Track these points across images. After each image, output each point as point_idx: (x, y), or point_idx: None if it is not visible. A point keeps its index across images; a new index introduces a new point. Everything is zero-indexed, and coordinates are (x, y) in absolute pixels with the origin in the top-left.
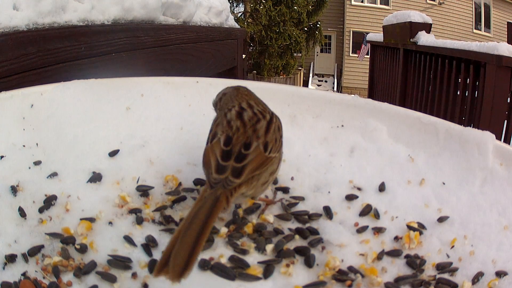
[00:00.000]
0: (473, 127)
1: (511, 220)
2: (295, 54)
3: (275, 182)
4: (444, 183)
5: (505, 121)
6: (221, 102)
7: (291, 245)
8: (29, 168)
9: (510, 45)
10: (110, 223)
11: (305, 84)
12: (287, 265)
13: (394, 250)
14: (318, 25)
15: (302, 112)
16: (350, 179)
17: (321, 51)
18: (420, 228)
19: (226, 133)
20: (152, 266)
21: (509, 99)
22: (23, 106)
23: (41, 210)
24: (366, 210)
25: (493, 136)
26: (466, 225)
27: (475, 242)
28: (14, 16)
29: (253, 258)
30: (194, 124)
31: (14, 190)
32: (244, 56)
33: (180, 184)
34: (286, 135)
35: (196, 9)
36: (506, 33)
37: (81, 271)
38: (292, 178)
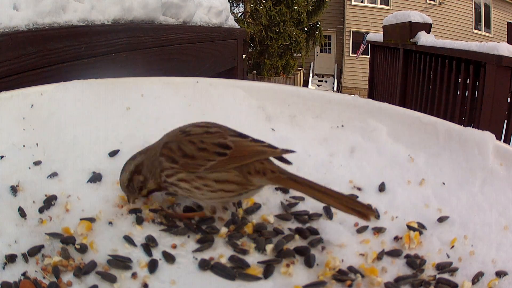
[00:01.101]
0: (473, 127)
1: (511, 220)
2: (295, 54)
3: None
4: (444, 183)
5: (505, 121)
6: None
7: (291, 245)
8: (29, 168)
9: (510, 45)
10: (110, 223)
11: (305, 84)
12: (287, 265)
13: (394, 250)
14: (318, 25)
15: (302, 112)
16: (350, 179)
17: (321, 51)
18: (420, 228)
19: (228, 134)
20: (152, 266)
21: (509, 99)
22: (23, 106)
23: (41, 210)
24: None
25: (493, 136)
26: (466, 225)
27: (475, 242)
28: (14, 16)
29: (253, 258)
30: None
31: (14, 190)
32: (244, 56)
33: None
34: (286, 135)
35: (196, 9)
36: (506, 33)
37: (81, 271)
38: None
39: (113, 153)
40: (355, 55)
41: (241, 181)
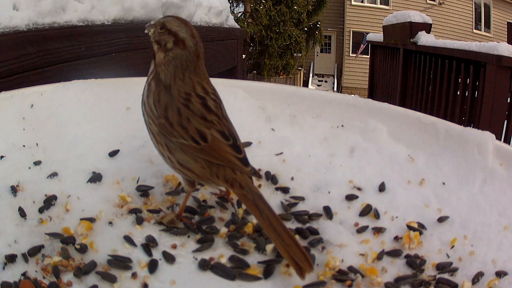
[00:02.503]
0: (473, 127)
1: (511, 220)
2: (295, 54)
3: (275, 182)
4: (444, 183)
5: (505, 121)
6: (169, 56)
7: None
8: (29, 168)
9: (510, 45)
10: (110, 223)
11: (305, 84)
12: (287, 265)
13: (394, 250)
14: (318, 25)
15: (302, 112)
16: (350, 179)
17: (321, 51)
18: (420, 228)
19: (214, 128)
20: (152, 266)
21: (509, 99)
22: (23, 106)
23: (41, 210)
24: (366, 210)
25: (493, 136)
26: (466, 225)
27: (475, 242)
28: (14, 16)
29: (253, 258)
30: None
31: (14, 190)
32: (244, 56)
33: (180, 184)
34: (286, 135)
35: (196, 9)
36: (506, 33)
37: (81, 271)
38: (292, 178)
39: (113, 153)
40: (355, 55)
41: (204, 175)
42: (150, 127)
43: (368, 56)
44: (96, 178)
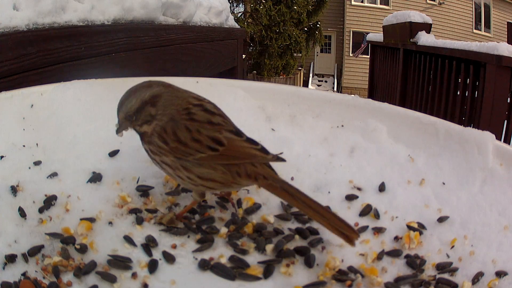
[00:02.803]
0: (473, 127)
1: (511, 220)
2: (295, 54)
3: None
4: (444, 183)
5: (505, 121)
6: (157, 107)
7: (291, 245)
8: (29, 168)
9: (510, 45)
10: (110, 223)
11: (305, 84)
12: (287, 265)
13: (394, 250)
14: (318, 25)
15: (302, 112)
16: (350, 179)
17: (321, 51)
18: (420, 228)
19: (224, 129)
20: (152, 266)
21: (509, 99)
22: (23, 106)
23: (41, 210)
24: (366, 210)
25: (493, 136)
26: (466, 225)
27: (475, 242)
28: (14, 16)
29: (253, 258)
30: None
31: (14, 190)
32: (244, 56)
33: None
34: (286, 135)
35: (196, 9)
36: (506, 33)
37: (81, 271)
38: (292, 178)
39: (113, 153)
40: (354, 55)
41: (227, 179)
42: (163, 163)
43: (368, 56)
44: (96, 178)
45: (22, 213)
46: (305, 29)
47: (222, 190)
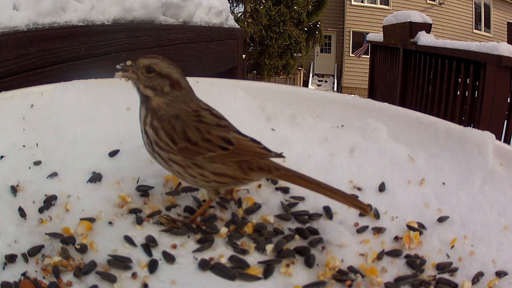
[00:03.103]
0: (473, 127)
1: (511, 220)
2: (295, 54)
3: (275, 182)
4: (444, 183)
5: (505, 121)
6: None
7: (291, 245)
8: (29, 168)
9: (510, 45)
10: (110, 223)
11: (305, 84)
12: (287, 265)
13: (394, 250)
14: (318, 25)
15: (302, 112)
16: (350, 179)
17: (321, 51)
18: (420, 228)
19: (231, 130)
20: (152, 266)
21: (509, 99)
22: (23, 106)
23: (41, 210)
24: None
25: (493, 136)
26: (466, 225)
27: (475, 242)
28: (14, 16)
29: (253, 258)
30: None
31: (14, 190)
32: (244, 56)
33: (180, 184)
34: (286, 135)
35: (196, 9)
36: (506, 33)
37: (81, 271)
38: None
39: (113, 153)
40: (355, 55)
41: (239, 175)
42: (170, 160)
43: (368, 56)
44: (96, 178)
45: (22, 213)
46: (305, 29)
47: (234, 186)
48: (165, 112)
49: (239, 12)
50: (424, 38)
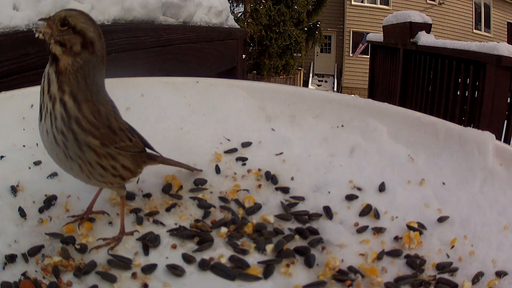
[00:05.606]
0: (473, 127)
1: (511, 220)
2: (295, 54)
3: (275, 182)
4: (444, 183)
5: (505, 121)
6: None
7: (291, 245)
8: (29, 168)
9: (510, 45)
10: (110, 223)
11: (305, 84)
12: (287, 265)
13: (394, 250)
14: (318, 25)
15: (302, 112)
16: (350, 179)
17: (321, 51)
18: (420, 228)
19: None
20: (152, 266)
21: (509, 99)
22: (23, 106)
23: (41, 210)
24: (366, 210)
25: (493, 136)
26: (466, 225)
27: (475, 242)
28: (14, 16)
29: (253, 258)
30: (194, 124)
31: (14, 190)
32: (244, 56)
33: (180, 183)
34: (286, 135)
35: (196, 9)
36: (506, 33)
37: (81, 271)
38: (292, 178)
39: None
40: (353, 54)
41: (135, 169)
42: (87, 146)
43: (368, 56)
44: None
45: (22, 213)
46: (305, 29)
47: (128, 181)
48: (74, 89)
49: (239, 12)
50: (424, 38)
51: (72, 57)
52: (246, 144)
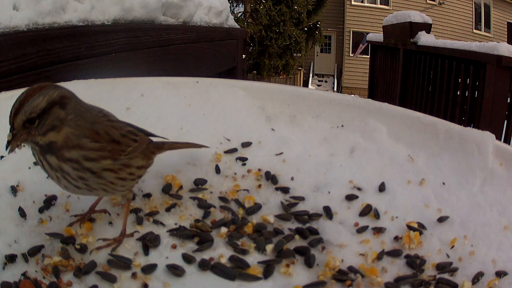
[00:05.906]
0: (473, 127)
1: (511, 220)
2: (295, 54)
3: (275, 182)
4: (444, 183)
5: (505, 121)
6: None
7: (291, 245)
8: (29, 168)
9: (510, 45)
10: (110, 223)
11: (305, 84)
12: (287, 265)
13: (394, 250)
14: (318, 25)
15: (302, 112)
16: (350, 179)
17: (321, 51)
18: (420, 228)
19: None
20: (152, 266)
21: (509, 99)
22: None
23: (41, 210)
24: (366, 210)
25: (493, 136)
26: (466, 225)
27: (475, 242)
28: (14, 16)
29: (253, 258)
30: (194, 124)
31: (14, 190)
32: (244, 56)
33: (180, 184)
34: (286, 135)
35: (196, 9)
36: (506, 33)
37: (81, 271)
38: (292, 178)
39: None
40: (353, 54)
41: (147, 163)
42: (104, 170)
43: (368, 56)
44: None
45: (22, 213)
46: (305, 29)
47: (142, 175)
48: (81, 128)
49: (239, 12)
50: (424, 38)
51: (66, 122)
52: (246, 144)
